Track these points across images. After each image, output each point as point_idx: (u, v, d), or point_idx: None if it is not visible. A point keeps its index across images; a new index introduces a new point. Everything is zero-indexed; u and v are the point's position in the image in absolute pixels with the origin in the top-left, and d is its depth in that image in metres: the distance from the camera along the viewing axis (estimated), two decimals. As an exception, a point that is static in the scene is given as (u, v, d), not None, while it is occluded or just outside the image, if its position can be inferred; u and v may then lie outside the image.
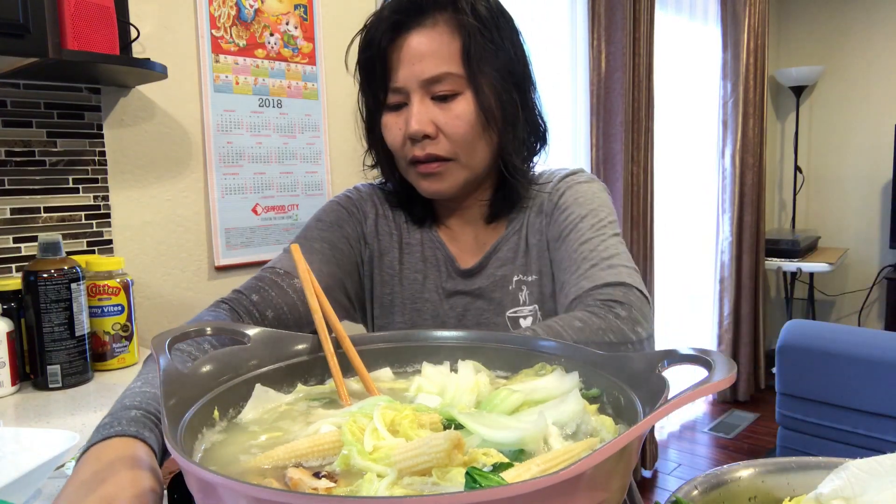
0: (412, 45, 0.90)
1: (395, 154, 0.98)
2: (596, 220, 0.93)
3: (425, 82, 0.90)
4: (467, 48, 0.89)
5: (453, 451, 0.45)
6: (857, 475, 0.53)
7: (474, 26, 0.89)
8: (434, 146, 0.92)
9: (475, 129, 0.92)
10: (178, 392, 0.53)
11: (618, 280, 0.84)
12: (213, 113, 1.80)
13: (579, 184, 1.00)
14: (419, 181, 0.96)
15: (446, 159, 0.92)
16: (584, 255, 0.89)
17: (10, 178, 1.49)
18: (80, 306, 1.32)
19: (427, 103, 0.91)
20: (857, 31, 4.25)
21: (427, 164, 0.93)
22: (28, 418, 1.15)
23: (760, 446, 3.37)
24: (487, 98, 0.91)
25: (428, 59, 0.90)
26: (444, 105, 0.91)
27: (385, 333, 0.72)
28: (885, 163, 4.10)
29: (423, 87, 0.90)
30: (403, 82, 0.91)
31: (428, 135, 0.91)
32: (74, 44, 1.28)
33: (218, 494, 0.40)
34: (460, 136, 0.91)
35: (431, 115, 0.91)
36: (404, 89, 0.91)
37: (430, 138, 0.91)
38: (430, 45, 0.90)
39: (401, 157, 0.97)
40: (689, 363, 0.50)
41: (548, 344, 0.66)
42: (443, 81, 0.90)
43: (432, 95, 0.91)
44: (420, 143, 0.92)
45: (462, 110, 0.90)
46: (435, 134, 0.91)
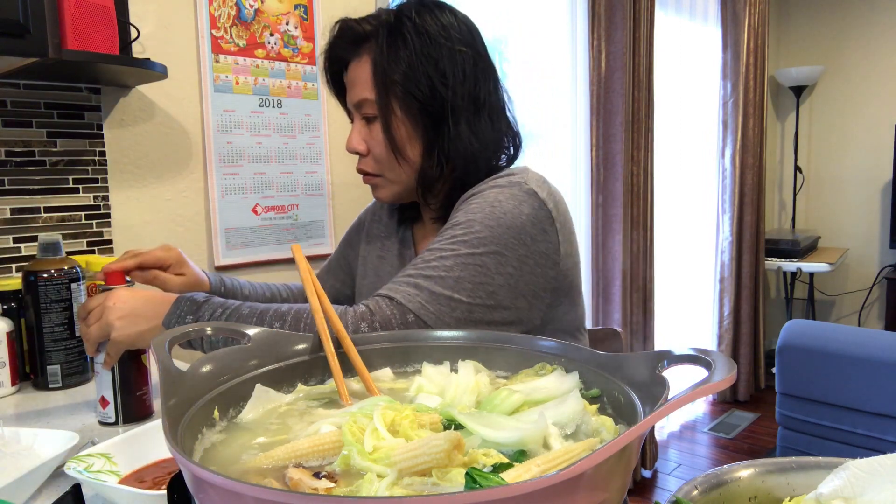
0: (350, 72, 1.06)
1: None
2: (461, 233, 0.92)
3: (355, 105, 1.05)
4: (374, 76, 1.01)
5: (453, 451, 0.45)
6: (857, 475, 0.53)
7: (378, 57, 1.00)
8: (363, 163, 1.08)
9: (389, 151, 1.03)
10: (178, 392, 0.53)
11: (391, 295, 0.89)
12: (213, 113, 1.80)
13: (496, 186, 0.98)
14: (369, 188, 1.12)
15: (374, 175, 1.07)
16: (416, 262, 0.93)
17: (10, 178, 1.49)
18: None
19: (361, 124, 1.05)
20: (857, 31, 4.25)
21: (364, 177, 1.10)
22: (28, 418, 1.15)
23: (760, 446, 3.37)
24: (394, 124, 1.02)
25: (356, 85, 1.04)
26: (371, 126, 1.04)
27: (385, 333, 0.72)
28: (885, 163, 4.10)
29: (356, 109, 1.06)
30: (347, 103, 1.08)
31: (359, 152, 1.07)
32: (74, 44, 1.28)
33: (218, 494, 0.40)
34: (380, 156, 1.04)
35: (363, 134, 1.05)
36: (350, 108, 1.08)
37: (362, 155, 1.07)
38: (357, 74, 1.04)
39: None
40: (689, 363, 0.51)
41: (548, 344, 0.66)
42: (363, 106, 1.04)
43: (363, 116, 1.05)
44: (360, 159, 1.08)
45: (377, 133, 1.03)
46: (366, 152, 1.06)
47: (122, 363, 1.05)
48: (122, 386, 1.06)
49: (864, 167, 4.31)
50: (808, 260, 3.95)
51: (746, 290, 3.90)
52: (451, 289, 0.89)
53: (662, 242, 3.34)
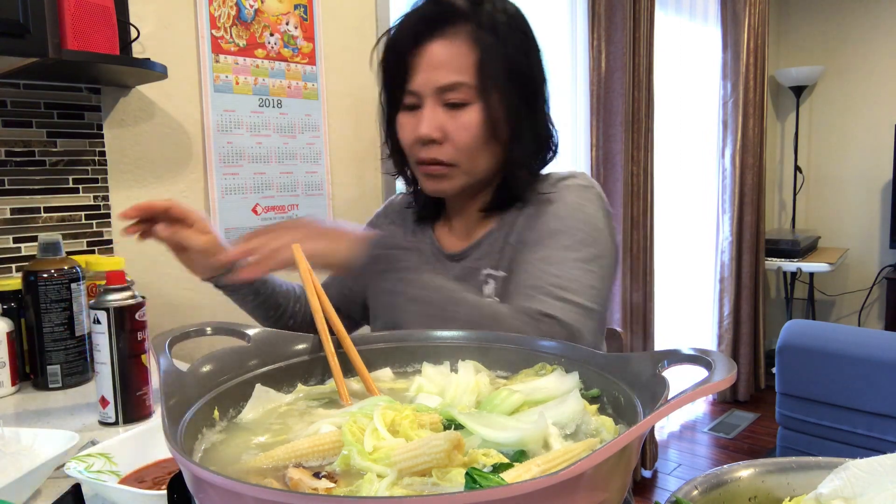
0: (432, 53, 0.95)
1: (407, 153, 1.04)
2: (568, 241, 0.93)
3: (439, 89, 0.95)
4: (482, 62, 0.94)
5: (453, 451, 0.45)
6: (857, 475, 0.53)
7: (491, 42, 0.94)
8: (438, 151, 0.97)
9: (479, 140, 0.96)
10: (178, 392, 0.53)
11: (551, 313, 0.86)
12: (213, 113, 1.80)
13: (569, 189, 1.00)
14: (423, 180, 1.03)
15: (449, 164, 0.98)
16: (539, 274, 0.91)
17: (10, 178, 1.49)
18: (80, 306, 1.32)
19: (438, 109, 0.96)
20: (857, 31, 4.25)
21: (432, 166, 0.99)
22: (28, 418, 1.15)
23: (760, 446, 3.37)
24: (495, 111, 0.95)
25: (444, 67, 0.94)
26: (453, 113, 0.96)
27: (385, 333, 0.72)
28: (885, 163, 4.10)
29: (437, 93, 0.95)
30: (419, 87, 0.96)
31: (435, 139, 0.96)
32: (74, 44, 1.28)
33: (217, 494, 0.40)
34: (464, 145, 0.96)
35: (441, 120, 0.96)
36: (419, 93, 0.96)
37: (436, 143, 0.97)
38: (448, 55, 0.94)
39: (410, 157, 1.03)
40: (689, 363, 0.51)
41: (548, 344, 0.66)
42: (455, 90, 0.95)
43: (444, 102, 0.95)
44: (427, 146, 0.97)
45: (469, 120, 0.95)
46: (442, 139, 0.96)
47: (122, 363, 1.05)
48: (122, 386, 1.06)
49: (864, 167, 4.31)
50: (808, 260, 3.95)
51: (746, 290, 3.90)
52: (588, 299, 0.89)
53: (662, 242, 3.33)
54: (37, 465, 0.76)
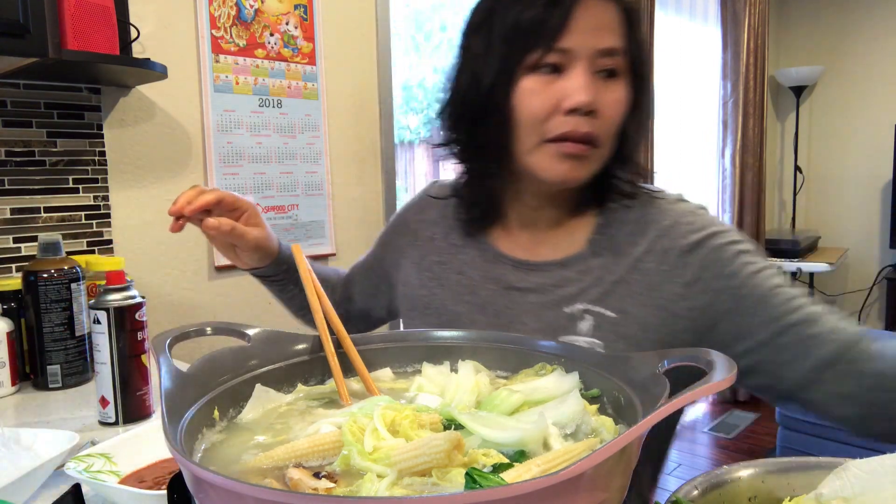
0: (596, 11, 0.80)
1: (523, 127, 0.81)
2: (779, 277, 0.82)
3: (598, 53, 0.79)
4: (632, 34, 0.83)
5: (453, 451, 0.45)
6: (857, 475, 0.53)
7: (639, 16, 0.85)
8: (592, 125, 0.79)
9: (622, 117, 0.83)
10: (178, 392, 0.53)
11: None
12: (213, 113, 1.80)
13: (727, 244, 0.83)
14: (554, 163, 0.81)
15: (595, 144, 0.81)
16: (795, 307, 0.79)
17: (10, 178, 1.49)
18: (80, 306, 1.32)
19: (593, 77, 0.80)
20: (857, 31, 4.25)
21: (577, 145, 0.80)
22: (28, 418, 1.15)
23: (760, 446, 3.37)
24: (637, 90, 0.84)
25: (607, 29, 0.80)
26: (607, 83, 0.80)
27: (385, 333, 0.72)
28: (885, 163, 4.10)
29: (593, 57, 0.79)
30: (576, 45, 0.78)
31: (594, 110, 0.79)
32: (74, 44, 1.28)
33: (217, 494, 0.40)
34: (614, 121, 0.82)
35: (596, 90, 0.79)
36: (573, 52, 0.78)
37: (591, 115, 0.79)
38: (611, 17, 0.81)
39: (534, 132, 0.81)
40: (688, 363, 0.51)
41: (548, 344, 0.66)
42: (613, 56, 0.80)
43: (596, 69, 0.80)
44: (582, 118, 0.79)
45: (621, 94, 0.82)
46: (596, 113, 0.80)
47: (122, 363, 1.05)
48: (122, 386, 1.06)
49: (864, 167, 4.31)
50: (808, 260, 3.95)
51: (746, 290, 3.89)
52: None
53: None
54: (37, 465, 0.76)
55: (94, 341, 1.05)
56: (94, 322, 1.04)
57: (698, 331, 0.82)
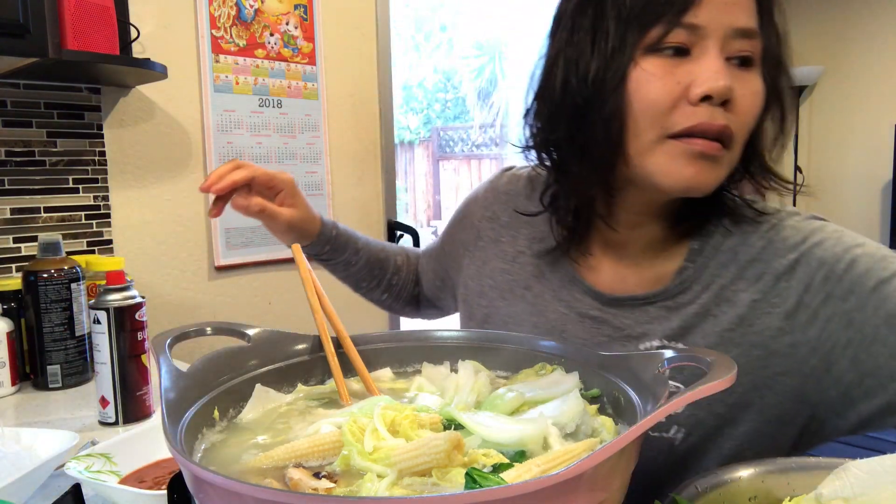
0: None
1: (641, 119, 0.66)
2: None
3: (734, 32, 0.65)
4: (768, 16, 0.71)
5: (453, 451, 0.45)
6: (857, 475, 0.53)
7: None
8: (727, 118, 0.65)
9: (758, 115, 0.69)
10: (178, 392, 0.53)
11: None
12: (213, 113, 1.80)
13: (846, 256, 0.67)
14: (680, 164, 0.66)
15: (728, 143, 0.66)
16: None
17: (10, 178, 1.49)
18: (80, 306, 1.32)
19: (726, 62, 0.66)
20: (857, 31, 4.25)
21: (710, 142, 0.65)
22: (28, 418, 1.15)
23: (760, 446, 3.37)
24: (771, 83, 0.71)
25: (743, 7, 0.66)
26: (742, 72, 0.66)
27: (385, 333, 0.72)
28: (885, 163, 4.10)
29: (727, 38, 0.65)
30: (708, 21, 0.64)
31: (729, 100, 0.65)
32: (74, 44, 1.28)
33: (217, 494, 0.40)
34: (751, 118, 0.68)
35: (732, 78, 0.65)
36: (703, 30, 0.64)
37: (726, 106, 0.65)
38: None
39: (653, 126, 0.66)
40: (688, 363, 0.51)
41: (548, 344, 0.66)
42: (750, 39, 0.67)
43: (728, 55, 0.66)
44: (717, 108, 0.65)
45: (757, 86, 0.68)
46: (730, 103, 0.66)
47: (122, 363, 1.05)
48: (122, 386, 1.06)
49: (864, 167, 4.31)
50: (808, 260, 3.95)
51: (746, 290, 3.89)
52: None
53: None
54: (37, 465, 0.76)
55: (94, 341, 1.05)
56: (94, 322, 1.04)
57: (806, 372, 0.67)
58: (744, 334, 0.69)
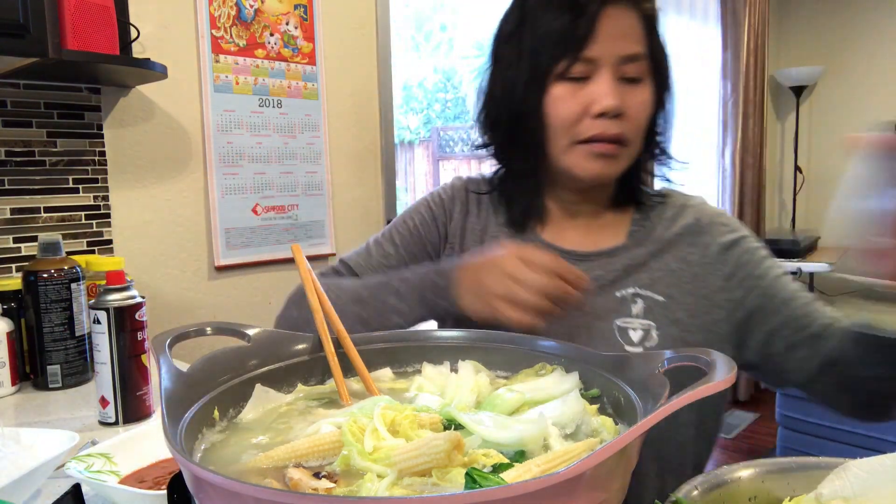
0: (618, 20, 0.86)
1: (555, 131, 0.88)
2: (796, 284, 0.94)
3: (621, 59, 0.86)
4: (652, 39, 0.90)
5: (453, 451, 0.45)
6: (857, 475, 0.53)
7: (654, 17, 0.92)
8: (620, 126, 0.86)
9: (648, 118, 0.90)
10: (178, 392, 0.53)
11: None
12: (213, 113, 1.80)
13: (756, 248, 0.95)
14: (586, 162, 0.88)
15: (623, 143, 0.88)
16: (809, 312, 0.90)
17: (10, 178, 1.49)
18: (80, 306, 1.32)
19: (616, 82, 0.86)
20: (857, 31, 4.25)
21: (607, 145, 0.87)
22: (28, 418, 1.15)
23: (760, 446, 3.37)
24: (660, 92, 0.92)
25: (629, 37, 0.87)
26: (630, 87, 0.87)
27: (385, 333, 0.72)
28: (885, 163, 4.10)
29: (617, 64, 0.86)
30: (599, 54, 0.85)
31: (620, 113, 0.86)
32: (74, 44, 1.28)
33: (217, 494, 0.40)
34: (640, 122, 0.89)
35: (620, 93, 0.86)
36: (597, 61, 0.85)
37: (618, 118, 0.86)
38: (632, 25, 0.88)
39: (566, 135, 0.88)
40: (688, 363, 0.51)
41: (548, 344, 0.66)
42: (635, 63, 0.87)
43: (621, 76, 0.87)
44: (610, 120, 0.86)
45: (646, 97, 0.89)
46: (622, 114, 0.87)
47: (122, 363, 1.05)
48: (122, 386, 1.06)
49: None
50: (808, 260, 3.95)
51: (746, 290, 3.89)
52: None
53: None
54: (37, 465, 0.76)
55: (94, 341, 1.05)
56: (94, 322, 1.04)
57: (732, 322, 0.91)
58: (697, 287, 0.91)
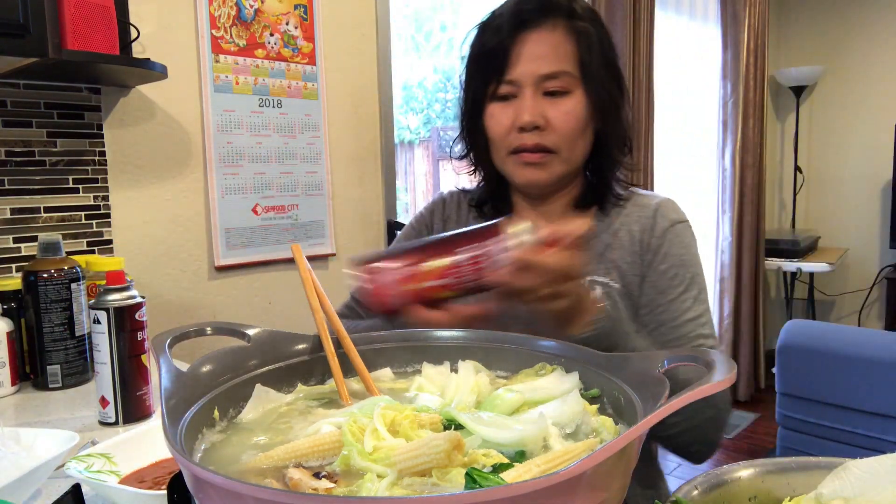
0: (532, 44, 0.97)
1: (494, 143, 1.02)
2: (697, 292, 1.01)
3: (541, 78, 0.97)
4: (583, 51, 0.98)
5: (453, 451, 0.45)
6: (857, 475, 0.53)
7: (591, 32, 0.99)
8: (541, 137, 0.97)
9: (580, 126, 0.98)
10: (178, 392, 0.53)
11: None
12: (213, 113, 1.80)
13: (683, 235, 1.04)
14: (519, 170, 1.01)
15: (550, 151, 0.98)
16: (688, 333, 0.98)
17: (10, 178, 1.49)
18: (80, 306, 1.32)
19: (538, 97, 0.97)
20: (857, 31, 4.25)
21: (532, 154, 0.98)
22: (28, 418, 1.15)
23: (760, 446, 3.37)
24: (596, 98, 0.99)
25: (546, 57, 0.97)
26: (554, 101, 0.97)
27: (385, 333, 0.72)
28: (885, 163, 4.10)
29: (538, 82, 0.97)
30: (519, 76, 0.97)
31: (538, 126, 0.97)
32: (74, 44, 1.28)
33: (217, 494, 0.40)
34: (567, 131, 0.97)
35: (542, 108, 0.97)
36: (518, 82, 0.98)
37: (538, 129, 0.97)
38: (549, 45, 0.97)
39: (502, 147, 1.01)
40: (689, 363, 0.51)
41: (548, 344, 0.66)
42: (557, 79, 0.97)
43: (544, 91, 0.97)
44: (528, 133, 0.97)
45: (571, 107, 0.97)
46: (544, 126, 0.97)
47: (122, 363, 1.05)
48: (122, 386, 1.06)
49: (864, 167, 4.31)
50: (808, 260, 3.95)
51: (746, 290, 3.89)
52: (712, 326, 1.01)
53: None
54: (37, 465, 0.76)
55: (94, 341, 1.05)
56: (94, 322, 1.04)
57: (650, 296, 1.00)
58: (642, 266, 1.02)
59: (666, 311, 0.99)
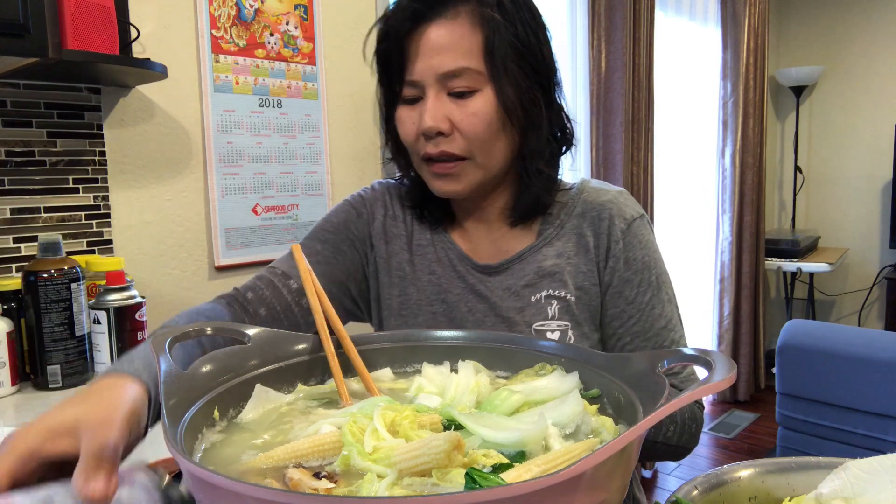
0: (430, 38, 0.85)
1: (408, 149, 0.92)
2: (664, 293, 0.96)
3: (442, 76, 0.85)
4: (489, 43, 0.84)
5: (453, 451, 0.45)
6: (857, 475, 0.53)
7: (498, 20, 0.85)
8: (448, 144, 0.86)
9: (493, 128, 0.86)
10: (178, 392, 0.53)
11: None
12: (213, 113, 1.80)
13: (641, 233, 0.96)
14: (432, 180, 0.91)
15: (460, 158, 0.87)
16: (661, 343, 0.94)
17: (10, 178, 1.49)
18: (80, 306, 1.32)
19: (443, 98, 0.86)
20: (857, 31, 4.25)
21: (441, 164, 0.88)
22: (28, 418, 1.15)
23: (760, 446, 3.37)
24: (509, 96, 0.86)
25: (446, 52, 0.84)
26: (460, 101, 0.86)
27: (385, 333, 0.72)
28: (885, 163, 4.10)
29: (440, 81, 0.85)
30: (419, 76, 0.86)
31: (442, 132, 0.86)
32: (74, 44, 1.28)
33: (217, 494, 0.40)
34: (476, 135, 0.86)
35: (447, 110, 0.85)
36: (420, 83, 0.86)
37: (443, 135, 0.86)
38: (450, 38, 0.85)
39: (414, 153, 0.91)
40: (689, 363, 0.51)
41: (548, 344, 0.66)
42: (461, 77, 0.85)
43: (449, 91, 0.86)
44: (433, 139, 0.87)
45: (479, 107, 0.85)
46: (449, 131, 0.86)
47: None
48: (122, 386, 1.05)
49: (864, 167, 4.31)
50: (808, 260, 3.95)
51: (746, 290, 3.90)
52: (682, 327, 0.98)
53: (662, 242, 3.33)
54: (37, 465, 0.76)
55: (94, 341, 1.05)
56: (94, 322, 1.04)
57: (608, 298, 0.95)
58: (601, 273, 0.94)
59: (637, 321, 0.93)
